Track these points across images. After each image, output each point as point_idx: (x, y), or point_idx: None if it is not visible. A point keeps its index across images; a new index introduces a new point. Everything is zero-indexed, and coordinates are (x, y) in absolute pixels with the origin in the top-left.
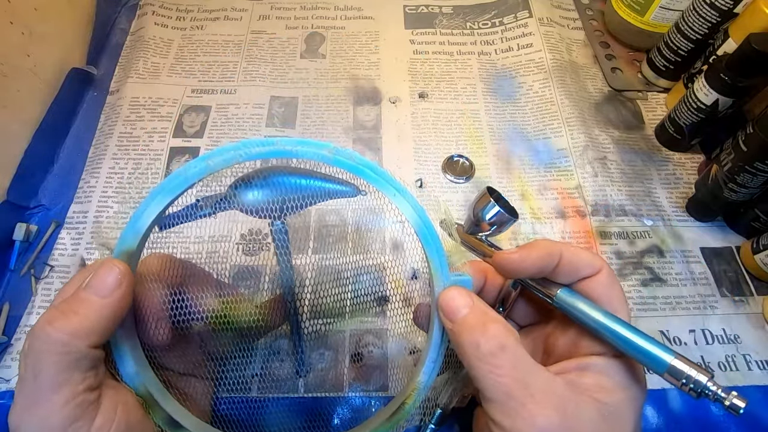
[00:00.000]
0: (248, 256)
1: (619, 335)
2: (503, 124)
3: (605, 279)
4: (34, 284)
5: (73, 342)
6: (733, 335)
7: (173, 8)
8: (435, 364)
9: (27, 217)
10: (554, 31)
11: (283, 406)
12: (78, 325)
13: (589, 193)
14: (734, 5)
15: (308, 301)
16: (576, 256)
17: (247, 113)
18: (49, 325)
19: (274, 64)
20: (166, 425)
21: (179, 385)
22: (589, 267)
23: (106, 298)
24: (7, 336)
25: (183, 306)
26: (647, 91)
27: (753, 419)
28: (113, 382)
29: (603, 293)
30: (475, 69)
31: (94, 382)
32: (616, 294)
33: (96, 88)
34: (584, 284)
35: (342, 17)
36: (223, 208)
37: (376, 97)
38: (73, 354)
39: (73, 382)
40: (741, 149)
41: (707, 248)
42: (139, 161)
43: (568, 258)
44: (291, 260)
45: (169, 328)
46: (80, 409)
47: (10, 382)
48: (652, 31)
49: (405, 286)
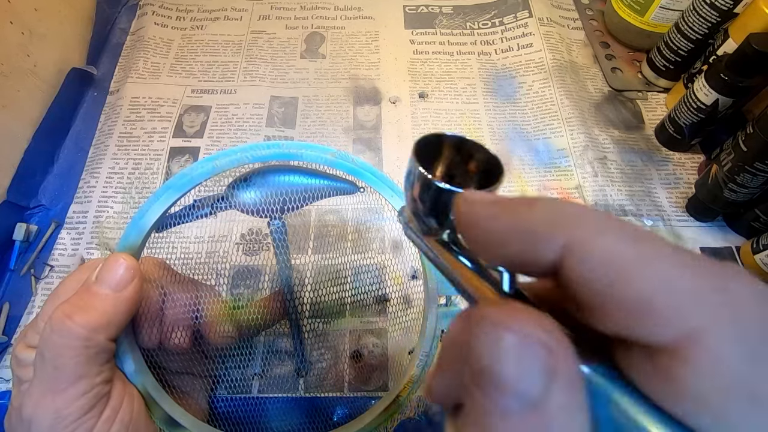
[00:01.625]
0: (248, 255)
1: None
2: (503, 124)
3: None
4: (34, 284)
5: (93, 336)
6: None
7: (173, 8)
8: (428, 357)
9: (27, 217)
10: (554, 31)
11: (281, 405)
12: (97, 319)
13: (589, 193)
14: (734, 5)
15: (308, 301)
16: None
17: (247, 113)
18: (69, 320)
19: (274, 64)
20: (164, 424)
21: (177, 383)
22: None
23: (120, 293)
24: (7, 336)
25: (180, 305)
26: (647, 91)
27: None
28: (121, 374)
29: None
30: (475, 69)
31: (108, 375)
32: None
33: (96, 88)
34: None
35: (342, 17)
36: (221, 208)
37: (376, 97)
38: (92, 348)
39: (90, 374)
40: (741, 149)
41: (707, 248)
42: (139, 161)
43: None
44: (290, 259)
45: (167, 329)
46: (94, 400)
47: (9, 382)
48: (652, 31)
49: (405, 286)
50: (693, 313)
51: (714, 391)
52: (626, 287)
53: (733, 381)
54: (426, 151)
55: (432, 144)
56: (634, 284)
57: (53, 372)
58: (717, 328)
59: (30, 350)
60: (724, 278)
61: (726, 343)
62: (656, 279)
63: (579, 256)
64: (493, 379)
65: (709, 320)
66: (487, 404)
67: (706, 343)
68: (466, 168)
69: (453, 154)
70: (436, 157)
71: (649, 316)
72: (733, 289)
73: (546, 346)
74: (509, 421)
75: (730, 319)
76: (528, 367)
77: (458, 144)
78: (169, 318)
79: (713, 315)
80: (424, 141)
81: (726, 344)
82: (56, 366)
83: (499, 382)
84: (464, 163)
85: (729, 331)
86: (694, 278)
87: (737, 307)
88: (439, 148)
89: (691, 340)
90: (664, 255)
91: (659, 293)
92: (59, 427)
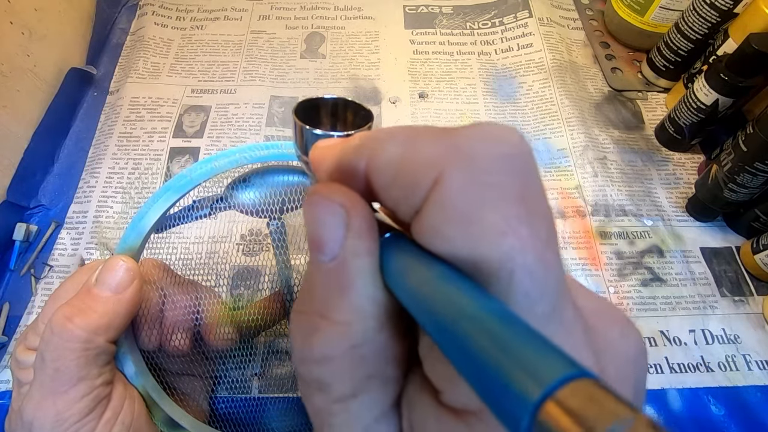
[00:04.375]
0: (248, 256)
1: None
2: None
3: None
4: (34, 284)
5: (93, 338)
6: (733, 335)
7: (173, 8)
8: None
9: (27, 217)
10: (554, 31)
11: (281, 405)
12: (97, 321)
13: (589, 193)
14: (734, 5)
15: None
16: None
17: (247, 113)
18: (70, 322)
19: (274, 64)
20: (165, 426)
21: (177, 384)
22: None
23: (120, 294)
24: (7, 336)
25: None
26: (647, 91)
27: (753, 419)
28: (121, 376)
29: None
30: (475, 69)
31: (109, 377)
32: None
33: (96, 88)
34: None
35: (342, 17)
36: (220, 209)
37: (376, 97)
38: (93, 350)
39: (90, 377)
40: (741, 149)
41: (707, 248)
42: (139, 161)
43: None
44: (290, 259)
45: (168, 330)
46: (94, 402)
47: (10, 383)
48: (652, 31)
49: None
50: (437, 165)
51: (443, 221)
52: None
53: (455, 212)
54: (310, 112)
55: (314, 106)
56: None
57: (54, 374)
58: (451, 172)
59: (30, 352)
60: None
61: (455, 182)
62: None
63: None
64: (309, 239)
65: (447, 166)
66: (311, 260)
67: (441, 186)
68: (346, 122)
69: (335, 111)
70: (319, 115)
71: (412, 188)
72: (465, 145)
73: (344, 207)
74: (321, 271)
75: (458, 167)
76: (330, 224)
77: (335, 103)
78: (169, 320)
79: (450, 162)
80: (308, 101)
81: (455, 182)
82: (57, 368)
83: (312, 240)
84: (344, 119)
85: (458, 174)
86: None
87: (469, 157)
88: (320, 109)
89: (435, 184)
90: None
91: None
92: (60, 429)
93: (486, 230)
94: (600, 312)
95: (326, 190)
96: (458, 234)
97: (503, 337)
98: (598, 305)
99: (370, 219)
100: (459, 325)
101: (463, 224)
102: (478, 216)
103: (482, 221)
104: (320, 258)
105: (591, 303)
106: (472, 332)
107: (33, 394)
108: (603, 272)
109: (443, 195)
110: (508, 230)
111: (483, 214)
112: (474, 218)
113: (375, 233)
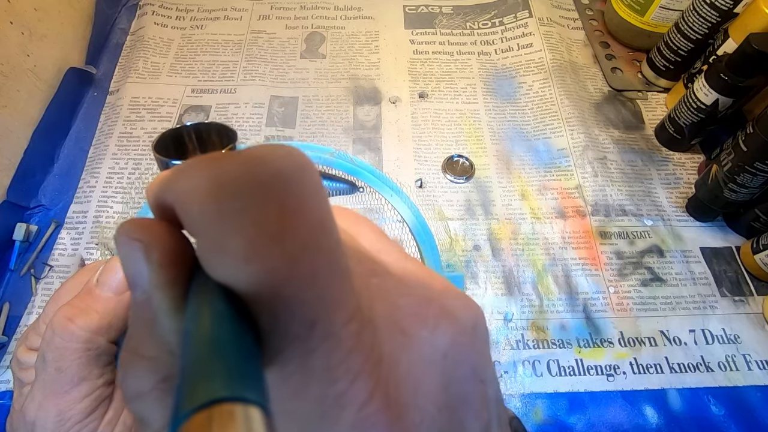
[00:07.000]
0: None
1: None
2: (503, 124)
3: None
4: (34, 284)
5: (95, 339)
6: (733, 335)
7: (173, 8)
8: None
9: (27, 217)
10: (554, 31)
11: None
12: (99, 322)
13: (589, 193)
14: (734, 5)
15: None
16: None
17: (247, 113)
18: (71, 322)
19: (274, 63)
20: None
21: None
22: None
23: (121, 295)
24: (7, 336)
25: None
26: (647, 91)
27: (753, 419)
28: None
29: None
30: (475, 69)
31: (110, 378)
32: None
33: (96, 88)
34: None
35: (342, 17)
36: None
37: (376, 97)
38: (94, 350)
39: (92, 377)
40: (741, 149)
41: (707, 248)
42: (139, 161)
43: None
44: None
45: None
46: (96, 402)
47: (10, 383)
48: (652, 31)
49: None
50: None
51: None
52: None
53: (203, 240)
54: (177, 141)
55: (178, 135)
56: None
57: (55, 374)
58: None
59: (31, 353)
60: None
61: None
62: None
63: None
64: (127, 281)
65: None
66: (133, 301)
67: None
68: (215, 145)
69: (200, 135)
70: (185, 143)
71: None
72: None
73: (142, 242)
74: (134, 306)
75: (198, 196)
76: (134, 260)
77: (197, 128)
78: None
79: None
80: (172, 131)
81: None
82: (58, 368)
83: (126, 277)
84: (212, 142)
85: (197, 203)
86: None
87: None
88: (184, 137)
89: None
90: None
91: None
92: (63, 429)
93: (230, 255)
94: (417, 311)
95: (126, 227)
96: (210, 260)
97: (203, 357)
98: (418, 303)
99: (172, 251)
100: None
101: (212, 253)
102: (222, 243)
103: (226, 247)
104: (133, 294)
105: (412, 300)
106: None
107: (35, 394)
108: (603, 272)
109: (187, 226)
110: (253, 256)
111: (227, 239)
112: (220, 246)
113: (180, 264)
